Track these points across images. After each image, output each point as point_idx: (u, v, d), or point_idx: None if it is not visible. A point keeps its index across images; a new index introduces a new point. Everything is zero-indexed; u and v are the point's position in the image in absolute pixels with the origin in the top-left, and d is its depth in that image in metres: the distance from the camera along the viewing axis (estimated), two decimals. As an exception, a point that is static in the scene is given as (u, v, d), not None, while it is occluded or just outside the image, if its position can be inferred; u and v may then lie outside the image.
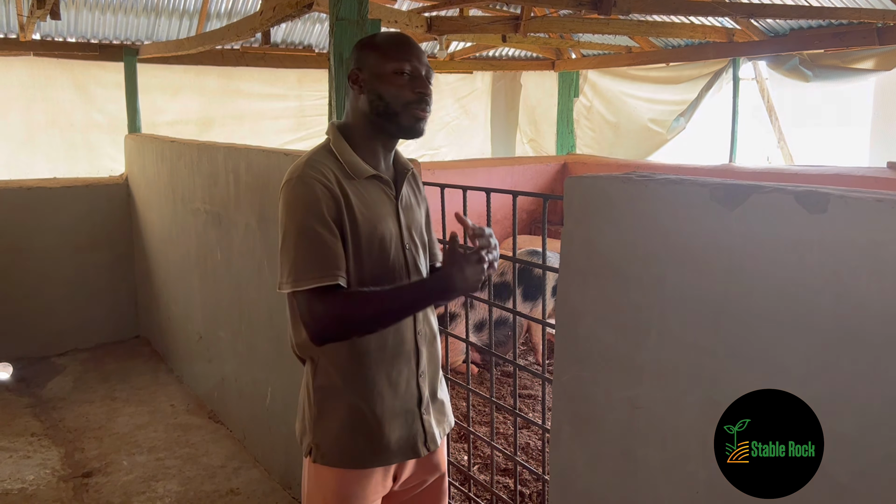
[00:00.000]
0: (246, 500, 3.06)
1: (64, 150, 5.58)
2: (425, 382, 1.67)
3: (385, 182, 1.61)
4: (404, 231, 1.63)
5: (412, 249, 1.64)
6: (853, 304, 1.08)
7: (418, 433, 1.66)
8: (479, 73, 7.18)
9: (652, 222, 1.38)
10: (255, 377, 3.29)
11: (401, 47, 1.58)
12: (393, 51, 1.57)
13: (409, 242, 1.63)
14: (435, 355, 1.72)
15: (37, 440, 3.63)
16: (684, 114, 5.88)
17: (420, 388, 1.65)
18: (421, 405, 1.66)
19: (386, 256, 1.58)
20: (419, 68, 1.56)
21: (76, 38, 5.19)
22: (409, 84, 1.55)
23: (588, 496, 1.59)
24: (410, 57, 1.56)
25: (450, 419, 1.78)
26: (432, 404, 1.70)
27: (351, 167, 1.56)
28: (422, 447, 1.66)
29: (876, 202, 1.05)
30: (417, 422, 1.66)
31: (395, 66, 1.54)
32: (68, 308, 4.91)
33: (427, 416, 1.67)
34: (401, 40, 1.61)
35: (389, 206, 1.61)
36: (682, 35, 5.14)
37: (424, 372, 1.67)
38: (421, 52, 1.60)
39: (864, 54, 4.83)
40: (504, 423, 3.56)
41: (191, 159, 3.85)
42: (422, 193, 1.77)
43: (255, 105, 6.28)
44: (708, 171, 4.94)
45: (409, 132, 1.58)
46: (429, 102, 1.58)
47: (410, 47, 1.59)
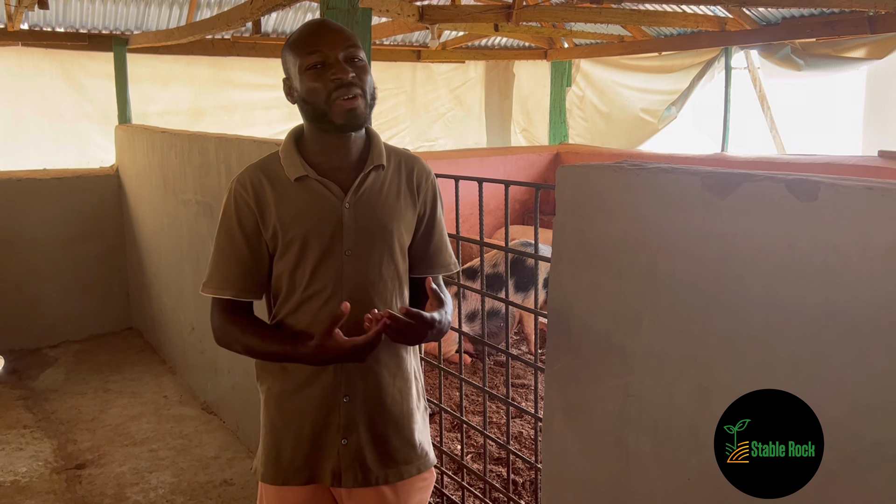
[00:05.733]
0: (240, 490, 3.06)
1: (53, 141, 5.53)
2: (352, 409, 1.54)
3: (323, 182, 1.49)
4: (346, 233, 1.49)
5: (355, 254, 1.49)
6: (843, 292, 1.08)
7: (329, 460, 1.55)
8: (472, 63, 7.15)
9: (644, 211, 1.39)
10: (248, 368, 3.27)
11: (307, 39, 1.44)
12: (299, 47, 1.44)
13: (351, 246, 1.49)
14: (386, 388, 1.56)
15: (29, 432, 3.62)
16: (676, 103, 5.88)
17: (341, 412, 1.53)
18: (340, 434, 1.54)
19: (307, 261, 1.49)
20: (330, 54, 1.41)
21: (65, 27, 5.14)
22: (323, 75, 1.41)
23: (580, 484, 1.60)
24: (317, 46, 1.42)
25: (407, 468, 1.60)
26: (365, 436, 1.55)
27: (286, 169, 1.51)
28: (331, 476, 1.55)
29: (866, 190, 1.05)
30: (332, 448, 1.55)
31: (305, 60, 1.42)
32: (60, 300, 4.89)
33: (345, 446, 1.54)
34: (306, 31, 1.46)
35: (328, 207, 1.48)
36: (675, 24, 5.12)
37: (350, 397, 1.53)
38: (333, 34, 1.44)
39: (856, 43, 4.83)
40: (497, 413, 3.57)
41: (182, 150, 3.83)
42: (418, 192, 1.58)
43: (246, 95, 6.24)
44: (700, 160, 4.95)
45: (344, 127, 1.44)
46: (354, 84, 1.40)
47: (316, 35, 1.44)
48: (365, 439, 1.55)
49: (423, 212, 1.59)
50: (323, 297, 1.50)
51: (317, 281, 1.50)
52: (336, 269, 1.49)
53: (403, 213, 1.55)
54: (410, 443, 1.61)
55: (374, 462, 1.56)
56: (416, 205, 1.58)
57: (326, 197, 1.49)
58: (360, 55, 1.44)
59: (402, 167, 1.58)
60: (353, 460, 1.55)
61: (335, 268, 1.49)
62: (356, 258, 1.50)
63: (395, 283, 1.56)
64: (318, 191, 1.49)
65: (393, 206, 1.53)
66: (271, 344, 1.49)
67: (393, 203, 1.53)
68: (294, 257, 1.50)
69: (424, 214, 1.60)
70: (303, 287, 1.50)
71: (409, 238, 1.58)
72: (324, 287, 1.50)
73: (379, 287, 1.53)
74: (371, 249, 1.51)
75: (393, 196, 1.54)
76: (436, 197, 1.62)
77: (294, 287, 1.51)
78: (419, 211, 1.59)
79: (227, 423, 3.65)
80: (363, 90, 1.43)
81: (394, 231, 1.53)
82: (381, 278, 1.53)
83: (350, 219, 1.49)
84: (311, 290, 1.50)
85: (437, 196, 1.63)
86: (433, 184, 1.62)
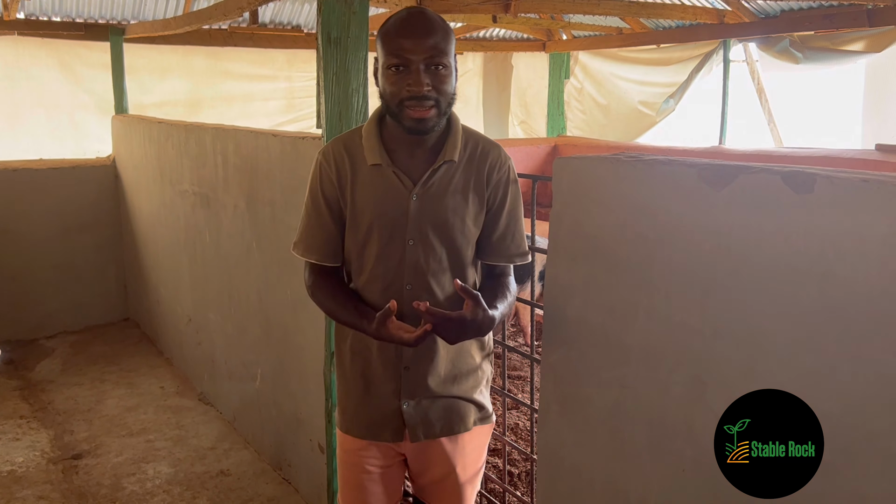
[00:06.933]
0: (237, 481, 3.06)
1: (50, 131, 5.51)
2: (412, 377, 1.63)
3: (396, 172, 1.53)
4: (411, 224, 1.54)
5: (419, 243, 1.55)
6: (838, 284, 1.08)
7: (389, 421, 1.65)
8: (470, 55, 7.12)
9: (640, 203, 1.39)
10: (245, 359, 3.29)
11: (395, 35, 1.44)
12: (388, 41, 1.45)
13: (415, 236, 1.55)
14: (442, 361, 1.64)
15: (26, 422, 3.62)
16: (674, 95, 5.87)
17: (402, 379, 1.63)
18: (401, 396, 1.63)
19: (373, 244, 1.57)
20: (412, 60, 1.42)
21: (61, 17, 5.11)
22: (400, 80, 1.44)
23: (576, 475, 1.60)
24: (401, 48, 1.42)
25: (464, 424, 1.71)
26: (425, 400, 1.65)
27: (365, 151, 1.56)
28: (391, 435, 1.66)
29: (862, 182, 1.06)
30: (393, 410, 1.65)
31: (387, 59, 1.45)
32: (56, 290, 4.88)
33: (408, 408, 1.64)
34: (396, 27, 1.46)
35: (397, 196, 1.54)
36: (673, 16, 5.11)
37: (410, 367, 1.62)
38: (420, 37, 1.42)
39: (855, 36, 4.82)
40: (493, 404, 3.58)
41: (179, 140, 3.82)
42: (488, 184, 1.59)
43: (244, 86, 6.22)
44: (698, 153, 4.94)
45: (410, 131, 1.48)
46: (427, 98, 1.43)
47: (404, 34, 1.43)
48: (426, 403, 1.65)
49: (491, 201, 1.61)
50: (386, 281, 1.58)
51: (380, 265, 1.58)
52: (399, 255, 1.57)
53: (469, 206, 1.58)
54: (469, 402, 1.71)
55: (437, 419, 1.67)
56: (486, 195, 1.60)
57: (397, 187, 1.55)
58: (444, 61, 1.45)
59: (477, 156, 1.59)
60: (416, 420, 1.65)
61: (398, 255, 1.57)
62: (418, 247, 1.56)
63: (458, 272, 1.61)
64: (391, 180, 1.55)
65: (460, 199, 1.56)
66: (345, 314, 1.59)
67: (460, 196, 1.57)
68: (362, 238, 1.59)
69: (493, 204, 1.61)
70: (369, 268, 1.59)
71: (477, 228, 1.61)
72: (386, 271, 1.58)
73: (440, 276, 1.59)
74: (433, 240, 1.56)
75: (461, 189, 1.57)
76: (507, 187, 1.62)
77: (361, 266, 1.61)
78: (488, 202, 1.60)
79: (223, 413, 3.65)
80: (438, 100, 1.46)
81: (455, 225, 1.57)
82: (442, 267, 1.59)
83: (416, 210, 1.55)
84: (375, 272, 1.59)
85: (508, 186, 1.62)
86: (506, 173, 1.62)
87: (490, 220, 1.61)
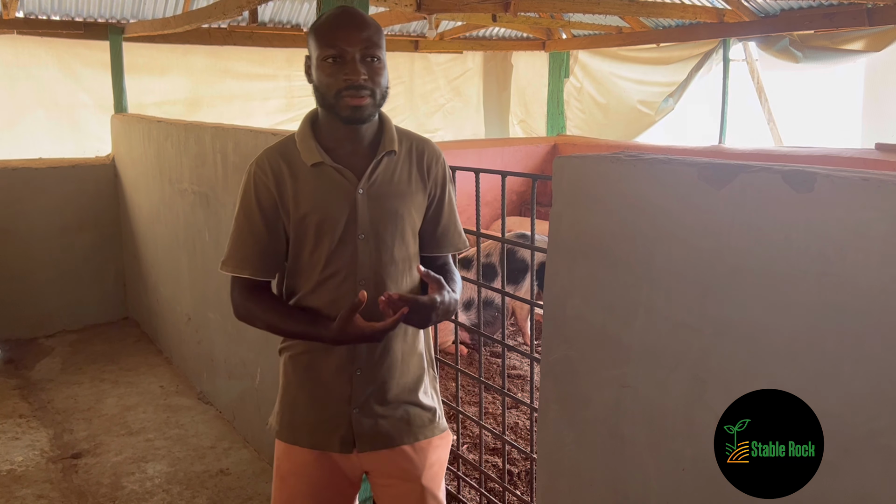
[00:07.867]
0: (236, 480, 3.06)
1: (49, 130, 5.51)
2: (364, 382, 1.61)
3: (338, 168, 1.54)
4: (360, 219, 1.55)
5: (370, 237, 1.56)
6: (839, 283, 1.08)
7: (337, 428, 1.62)
8: (470, 54, 7.13)
9: (640, 202, 1.38)
10: (244, 358, 3.28)
11: (329, 29, 1.47)
12: (322, 34, 1.47)
13: (366, 230, 1.55)
14: (396, 362, 1.64)
15: (25, 422, 3.62)
16: (673, 95, 5.87)
17: (354, 382, 1.61)
18: (351, 402, 1.61)
19: (324, 245, 1.55)
20: (348, 51, 1.45)
21: (60, 16, 5.10)
22: (336, 71, 1.46)
23: (575, 474, 1.60)
24: (336, 40, 1.45)
25: (421, 431, 1.68)
26: (378, 407, 1.63)
27: (302, 154, 1.56)
28: (339, 444, 1.63)
29: (862, 181, 1.05)
30: (342, 418, 1.62)
31: (322, 52, 1.46)
32: (56, 289, 4.88)
33: (359, 415, 1.62)
34: (331, 21, 1.49)
35: (343, 193, 1.54)
36: (673, 15, 5.11)
37: (363, 371, 1.61)
38: (354, 30, 1.46)
39: (855, 35, 4.82)
40: (493, 403, 3.58)
41: (178, 139, 3.82)
42: (428, 175, 1.64)
43: (244, 85, 6.22)
44: (697, 152, 4.94)
45: (348, 121, 1.50)
46: (364, 87, 1.45)
47: (339, 27, 1.47)
48: (379, 409, 1.63)
49: (433, 194, 1.65)
50: (339, 279, 1.57)
51: (333, 263, 1.56)
52: (351, 252, 1.56)
53: (414, 197, 1.61)
54: (424, 408, 1.69)
55: (391, 427, 1.64)
56: (427, 187, 1.64)
57: (341, 183, 1.55)
58: (377, 54, 1.48)
59: (413, 151, 1.63)
60: (368, 427, 1.62)
61: (350, 251, 1.56)
62: (369, 242, 1.56)
63: (406, 264, 1.62)
64: (334, 177, 1.55)
65: (404, 190, 1.59)
66: (292, 324, 1.57)
67: (404, 188, 1.60)
68: (311, 241, 1.56)
69: (434, 196, 1.65)
70: (320, 269, 1.57)
71: (420, 220, 1.64)
72: (339, 269, 1.56)
73: (390, 269, 1.59)
74: (384, 233, 1.57)
75: (404, 181, 1.60)
76: (445, 179, 1.68)
77: (312, 269, 1.58)
78: (429, 193, 1.64)
79: (223, 413, 3.65)
80: (373, 90, 1.48)
81: (405, 215, 1.59)
82: (393, 260, 1.59)
83: (363, 205, 1.55)
84: (327, 272, 1.57)
85: (446, 178, 1.68)
86: (443, 166, 1.67)
87: (434, 212, 1.66)
